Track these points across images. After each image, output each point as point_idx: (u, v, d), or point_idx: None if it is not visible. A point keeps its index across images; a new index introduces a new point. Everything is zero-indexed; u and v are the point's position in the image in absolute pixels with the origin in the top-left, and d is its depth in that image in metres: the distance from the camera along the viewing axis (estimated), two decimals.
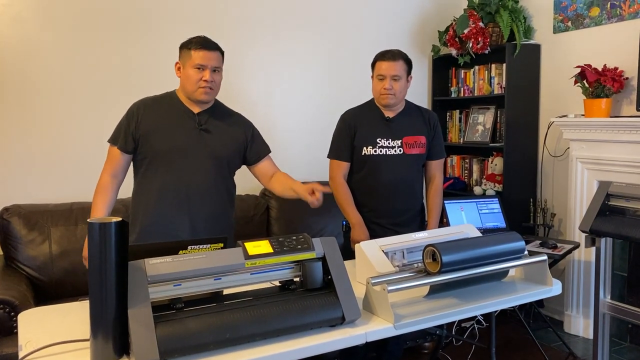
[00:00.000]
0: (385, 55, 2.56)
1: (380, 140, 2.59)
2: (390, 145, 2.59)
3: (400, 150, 2.60)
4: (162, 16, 3.34)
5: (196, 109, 2.23)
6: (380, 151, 2.59)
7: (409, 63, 2.59)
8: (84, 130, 3.17)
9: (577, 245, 3.29)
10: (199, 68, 2.15)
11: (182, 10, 3.39)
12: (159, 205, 2.17)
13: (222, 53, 2.23)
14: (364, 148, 2.59)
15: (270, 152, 2.40)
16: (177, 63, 2.23)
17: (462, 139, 4.25)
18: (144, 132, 2.18)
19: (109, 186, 2.21)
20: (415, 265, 1.83)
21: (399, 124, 2.62)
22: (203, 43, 2.17)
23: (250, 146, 2.33)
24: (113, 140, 2.24)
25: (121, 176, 2.25)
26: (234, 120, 2.33)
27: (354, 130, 2.61)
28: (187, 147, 2.18)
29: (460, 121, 4.31)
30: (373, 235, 2.52)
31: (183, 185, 2.17)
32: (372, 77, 2.62)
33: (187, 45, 2.18)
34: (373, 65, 2.61)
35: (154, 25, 3.32)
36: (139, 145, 2.20)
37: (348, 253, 2.28)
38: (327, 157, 2.68)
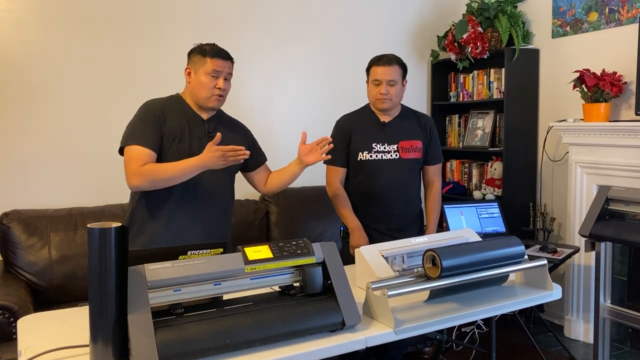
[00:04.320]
0: (380, 60, 2.56)
1: (375, 145, 2.59)
2: (386, 150, 2.59)
3: (396, 155, 2.60)
4: (163, 22, 3.35)
5: (204, 116, 2.22)
6: (376, 156, 2.59)
7: (404, 67, 2.60)
8: (84, 135, 3.17)
9: (577, 250, 3.29)
10: (213, 76, 2.14)
11: (182, 17, 3.39)
12: (172, 210, 2.14)
13: (233, 62, 2.23)
14: (360, 153, 2.59)
15: (266, 160, 2.42)
16: (187, 68, 2.20)
17: (461, 143, 4.25)
18: (167, 134, 2.12)
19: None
20: (415, 270, 1.82)
21: (394, 129, 2.62)
22: (219, 52, 2.17)
23: (251, 154, 2.33)
24: (140, 140, 2.07)
25: None
26: (237, 128, 2.34)
27: (349, 136, 2.61)
28: (198, 154, 2.14)
29: (459, 126, 4.32)
30: (371, 240, 2.51)
31: (194, 190, 2.15)
32: (367, 82, 2.63)
33: (202, 52, 2.15)
34: (368, 70, 2.62)
35: (154, 30, 3.33)
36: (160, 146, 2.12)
37: (347, 258, 2.28)
38: (323, 162, 2.68)
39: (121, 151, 2.14)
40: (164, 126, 2.12)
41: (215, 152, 2.00)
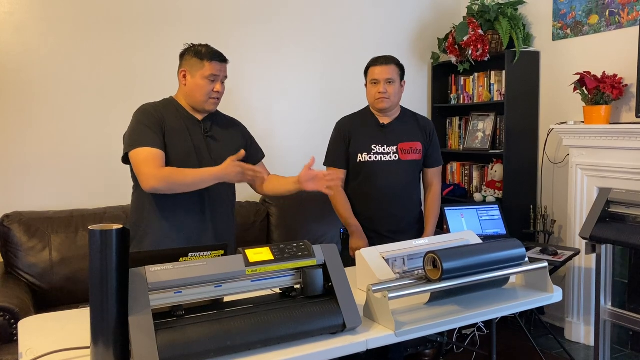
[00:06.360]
0: (377, 61, 2.59)
1: (375, 147, 2.60)
2: (386, 152, 2.60)
3: (395, 157, 2.60)
4: (164, 25, 3.35)
5: (199, 117, 2.22)
6: (375, 157, 2.59)
7: (401, 68, 2.62)
8: (85, 137, 3.18)
9: (577, 252, 3.29)
10: (211, 80, 2.14)
11: (182, 19, 3.40)
12: (178, 211, 2.13)
13: (228, 63, 2.24)
14: (359, 155, 2.60)
15: (264, 156, 2.41)
16: (182, 70, 2.18)
17: (462, 145, 4.25)
18: (168, 136, 2.12)
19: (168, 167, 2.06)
20: (416, 272, 1.83)
21: (393, 130, 2.63)
22: (217, 55, 2.16)
23: (248, 150, 2.33)
24: (148, 143, 2.06)
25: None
26: (232, 125, 2.34)
27: (348, 138, 2.62)
28: (197, 154, 2.16)
29: (460, 128, 4.32)
30: (370, 242, 2.52)
31: (199, 191, 2.12)
32: (366, 84, 2.65)
33: (198, 55, 2.14)
34: (366, 71, 2.64)
35: (155, 33, 3.33)
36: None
37: (346, 260, 2.28)
38: (323, 164, 2.69)
39: (125, 158, 2.12)
40: (165, 128, 2.12)
41: (236, 168, 2.01)
